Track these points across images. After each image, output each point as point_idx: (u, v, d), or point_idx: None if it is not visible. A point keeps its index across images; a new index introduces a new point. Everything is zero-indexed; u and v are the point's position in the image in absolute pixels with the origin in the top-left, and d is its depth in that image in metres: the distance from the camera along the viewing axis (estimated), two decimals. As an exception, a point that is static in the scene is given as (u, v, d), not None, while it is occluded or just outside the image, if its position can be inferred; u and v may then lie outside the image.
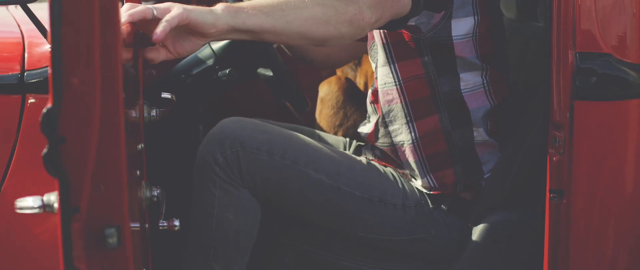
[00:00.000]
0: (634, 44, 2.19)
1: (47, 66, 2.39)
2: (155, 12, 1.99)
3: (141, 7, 1.98)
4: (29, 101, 2.40)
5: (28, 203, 1.68)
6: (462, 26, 2.54)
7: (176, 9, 2.00)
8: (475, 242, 2.54)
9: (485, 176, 2.63)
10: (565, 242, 2.26)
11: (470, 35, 2.56)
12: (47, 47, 2.42)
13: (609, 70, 2.19)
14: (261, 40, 2.18)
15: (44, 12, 2.24)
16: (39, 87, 2.39)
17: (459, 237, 2.61)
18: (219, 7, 2.08)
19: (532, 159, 2.45)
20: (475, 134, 2.61)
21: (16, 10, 2.94)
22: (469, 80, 2.60)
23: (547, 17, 2.22)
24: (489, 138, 2.62)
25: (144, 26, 2.04)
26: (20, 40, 2.50)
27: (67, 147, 1.62)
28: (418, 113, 2.61)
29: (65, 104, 1.60)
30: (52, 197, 1.68)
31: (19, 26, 2.59)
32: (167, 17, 1.98)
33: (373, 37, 2.69)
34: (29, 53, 2.44)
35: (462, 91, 2.59)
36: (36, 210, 1.68)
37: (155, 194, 2.12)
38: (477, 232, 2.55)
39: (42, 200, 1.68)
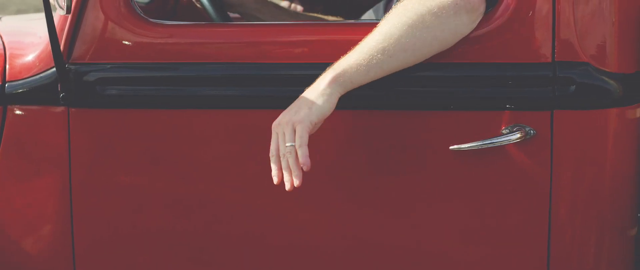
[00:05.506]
0: (613, 53, 2.20)
1: (28, 77, 2.38)
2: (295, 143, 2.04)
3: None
4: (11, 113, 2.39)
5: None
6: None
7: (299, 129, 2.04)
8: None
9: None
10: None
11: None
12: (29, 58, 2.41)
13: (588, 79, 2.19)
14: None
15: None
16: (21, 99, 2.38)
17: None
18: (325, 85, 2.08)
19: None
20: None
21: (-2, 22, 2.94)
22: None
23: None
24: None
25: None
26: (2, 51, 2.49)
27: None
28: None
29: None
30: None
31: (0, 37, 2.58)
32: (298, 142, 2.03)
33: None
34: (10, 64, 2.42)
35: None
36: None
37: None
38: None
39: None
